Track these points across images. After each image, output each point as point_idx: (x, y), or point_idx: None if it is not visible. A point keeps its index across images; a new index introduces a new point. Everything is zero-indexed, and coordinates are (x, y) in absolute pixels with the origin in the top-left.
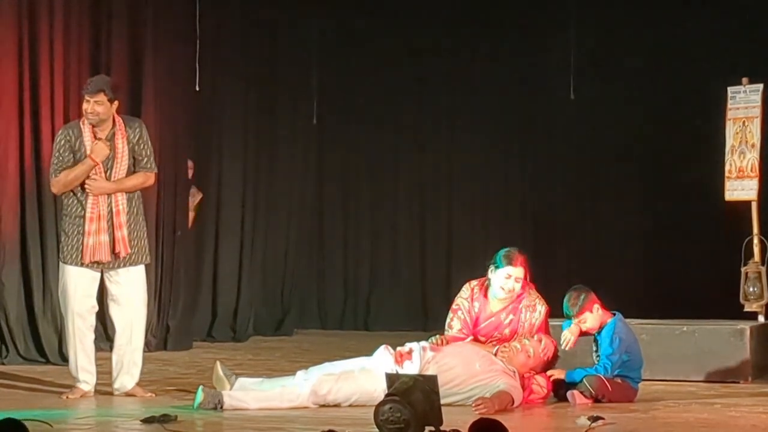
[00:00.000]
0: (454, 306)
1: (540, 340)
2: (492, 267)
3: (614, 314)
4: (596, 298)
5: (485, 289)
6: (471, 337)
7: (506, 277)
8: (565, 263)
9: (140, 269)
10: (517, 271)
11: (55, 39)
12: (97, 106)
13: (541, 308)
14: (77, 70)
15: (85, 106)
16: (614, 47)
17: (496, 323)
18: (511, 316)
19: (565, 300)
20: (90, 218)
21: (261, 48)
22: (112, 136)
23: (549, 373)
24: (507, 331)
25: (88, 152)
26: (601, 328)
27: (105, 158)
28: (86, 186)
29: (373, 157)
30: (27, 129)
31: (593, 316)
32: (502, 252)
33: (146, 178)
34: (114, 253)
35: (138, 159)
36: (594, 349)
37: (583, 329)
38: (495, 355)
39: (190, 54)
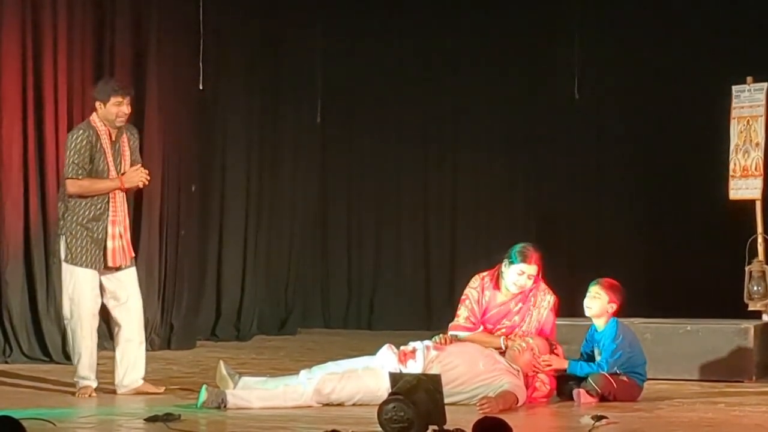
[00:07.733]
0: (462, 296)
1: (545, 339)
2: (506, 261)
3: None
4: (620, 302)
5: (496, 279)
6: (481, 327)
7: (519, 274)
8: (567, 262)
9: (134, 268)
10: (531, 269)
11: (58, 39)
12: (129, 107)
13: (550, 297)
14: (81, 70)
15: (117, 108)
16: (618, 47)
17: (504, 311)
18: (520, 305)
19: (607, 279)
20: (112, 221)
21: (265, 47)
22: (119, 137)
23: (546, 358)
24: (516, 318)
25: (107, 154)
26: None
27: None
28: (142, 183)
29: (376, 157)
30: (30, 129)
31: (605, 307)
32: (518, 248)
33: None
34: (125, 256)
35: (133, 164)
36: (594, 348)
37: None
38: (504, 345)
39: (193, 53)
